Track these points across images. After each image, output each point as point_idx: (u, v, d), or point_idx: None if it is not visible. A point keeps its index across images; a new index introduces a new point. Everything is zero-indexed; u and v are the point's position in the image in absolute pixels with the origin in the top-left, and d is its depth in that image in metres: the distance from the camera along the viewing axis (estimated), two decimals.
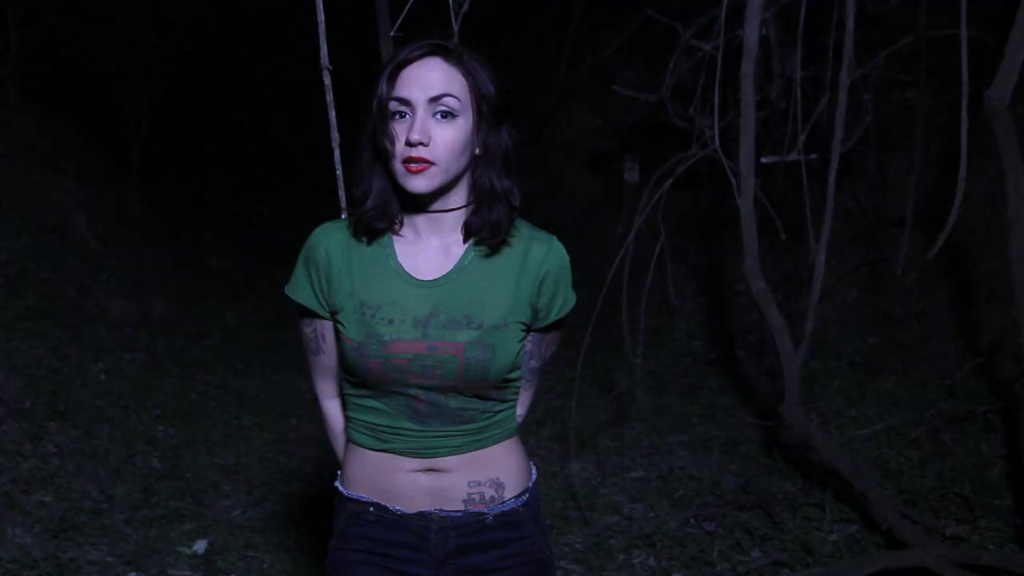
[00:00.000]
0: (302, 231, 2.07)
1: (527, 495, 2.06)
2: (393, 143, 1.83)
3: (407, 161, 1.81)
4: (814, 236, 4.01)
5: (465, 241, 1.95)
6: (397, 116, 1.83)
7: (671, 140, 6.83)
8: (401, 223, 1.96)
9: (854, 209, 5.79)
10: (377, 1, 3.66)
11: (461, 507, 1.98)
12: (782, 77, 5.73)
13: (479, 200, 1.92)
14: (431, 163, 1.81)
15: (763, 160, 5.43)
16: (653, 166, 5.66)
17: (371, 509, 2.01)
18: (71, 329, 6.07)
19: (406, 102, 1.82)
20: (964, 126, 3.22)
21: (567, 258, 2.02)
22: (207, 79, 12.39)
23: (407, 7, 3.07)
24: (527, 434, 5.37)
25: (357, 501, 2.03)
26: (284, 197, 12.60)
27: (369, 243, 1.96)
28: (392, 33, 2.98)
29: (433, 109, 1.82)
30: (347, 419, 2.07)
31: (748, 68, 3.63)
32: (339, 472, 2.11)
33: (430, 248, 1.95)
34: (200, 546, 4.21)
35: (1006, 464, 4.07)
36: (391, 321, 1.89)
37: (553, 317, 2.01)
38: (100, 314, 6.67)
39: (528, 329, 2.00)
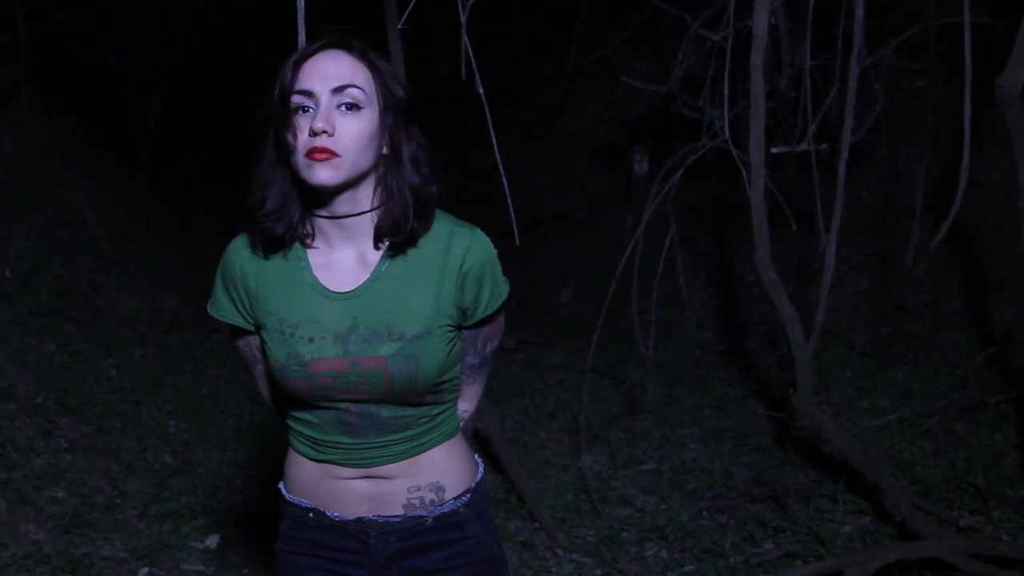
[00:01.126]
0: None
1: (468, 495, 2.02)
2: (296, 136, 1.76)
3: (311, 152, 1.74)
4: (825, 226, 3.99)
5: (376, 246, 1.87)
6: (299, 111, 1.77)
7: (680, 131, 6.82)
8: (312, 235, 1.89)
9: (864, 199, 5.76)
10: None
11: (400, 512, 1.95)
12: (791, 67, 5.70)
13: (387, 201, 1.84)
14: (336, 154, 1.74)
15: (773, 150, 5.41)
16: (662, 158, 5.65)
17: (311, 515, 2.00)
18: (82, 325, 6.08)
19: (309, 94, 1.76)
20: (967, 114, 3.21)
21: (492, 249, 1.93)
22: (216, 74, 12.39)
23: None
24: (537, 427, 5.38)
25: (298, 506, 2.02)
26: None
27: (274, 255, 1.90)
28: (399, 26, 2.97)
29: (337, 100, 1.76)
30: (286, 426, 2.04)
31: (758, 58, 3.62)
32: (284, 474, 2.08)
33: (345, 258, 1.88)
34: (212, 541, 4.22)
35: (1019, 454, 4.06)
36: (311, 339, 1.85)
37: (481, 313, 1.94)
38: (111, 310, 6.68)
39: (458, 328, 1.94)
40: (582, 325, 7.30)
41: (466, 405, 2.12)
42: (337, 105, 1.76)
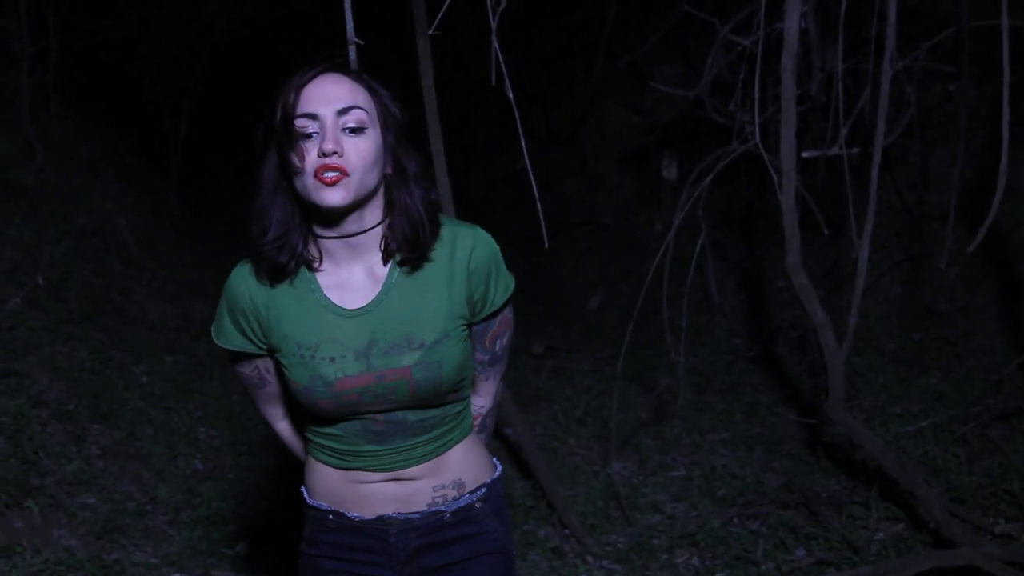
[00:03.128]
0: None
1: (484, 490, 2.05)
2: (303, 158, 1.77)
3: (321, 172, 1.75)
4: (857, 231, 3.96)
5: (386, 260, 1.90)
6: (304, 134, 1.78)
7: (709, 136, 6.79)
8: (320, 258, 1.90)
9: (896, 203, 5.72)
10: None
11: (423, 508, 1.99)
12: (822, 71, 5.67)
13: (395, 219, 1.87)
14: (346, 174, 1.76)
15: (804, 155, 5.37)
16: (691, 162, 5.63)
17: (331, 517, 2.03)
18: (113, 332, 6.11)
19: (313, 117, 1.78)
20: (1006, 118, 3.17)
21: (495, 245, 1.97)
22: (245, 82, 12.45)
23: (445, 5, 3.05)
24: (567, 433, 5.37)
25: (318, 509, 2.05)
26: None
27: (282, 283, 1.91)
28: (430, 32, 2.97)
29: (342, 123, 1.78)
30: (305, 439, 2.07)
31: (788, 62, 3.59)
32: (305, 478, 2.12)
33: (354, 275, 1.90)
34: (242, 547, 4.23)
35: None
36: (332, 359, 1.87)
37: (490, 308, 1.98)
38: (141, 317, 6.72)
39: (469, 325, 1.97)
40: (610, 331, 7.28)
41: (482, 401, 2.16)
42: (342, 128, 1.78)
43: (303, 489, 2.11)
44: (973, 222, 4.81)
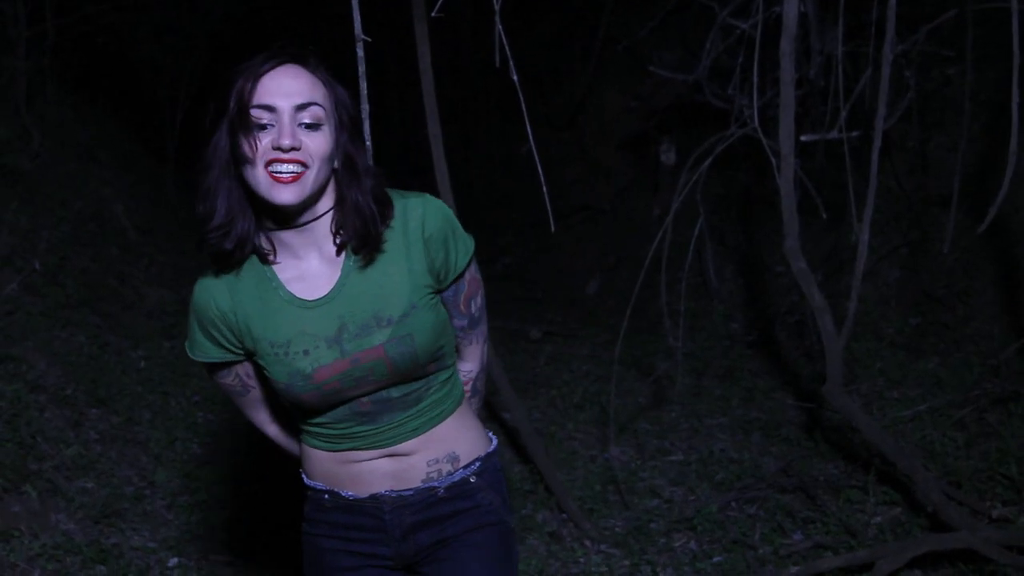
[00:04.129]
0: None
1: (478, 463, 2.06)
2: (254, 149, 1.76)
3: (276, 171, 1.76)
4: (857, 215, 3.95)
5: (339, 251, 1.90)
6: (258, 125, 1.77)
7: (707, 121, 6.78)
8: (273, 250, 1.91)
9: (894, 188, 5.71)
10: None
11: (417, 484, 2.00)
12: (821, 54, 5.65)
13: (346, 215, 1.87)
14: (305, 165, 1.77)
15: (803, 139, 5.36)
16: (689, 148, 5.61)
17: (326, 496, 2.05)
18: (110, 317, 6.11)
19: (270, 109, 1.77)
20: (1015, 100, 3.16)
21: (446, 209, 1.96)
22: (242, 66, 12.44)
23: None
24: (565, 418, 5.37)
25: (315, 489, 2.07)
26: None
27: (251, 276, 1.92)
28: (433, 14, 2.95)
29: (299, 118, 1.78)
30: (297, 429, 2.09)
31: (787, 45, 3.57)
32: (301, 461, 2.14)
33: (312, 264, 1.91)
34: (240, 532, 4.23)
35: None
36: (306, 352, 1.88)
37: (455, 271, 1.98)
38: (139, 302, 6.71)
39: (437, 292, 1.97)
40: (608, 316, 7.28)
41: (469, 366, 2.16)
42: (299, 123, 1.78)
43: (301, 471, 2.12)
44: (972, 207, 4.81)
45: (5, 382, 4.38)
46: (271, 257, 1.90)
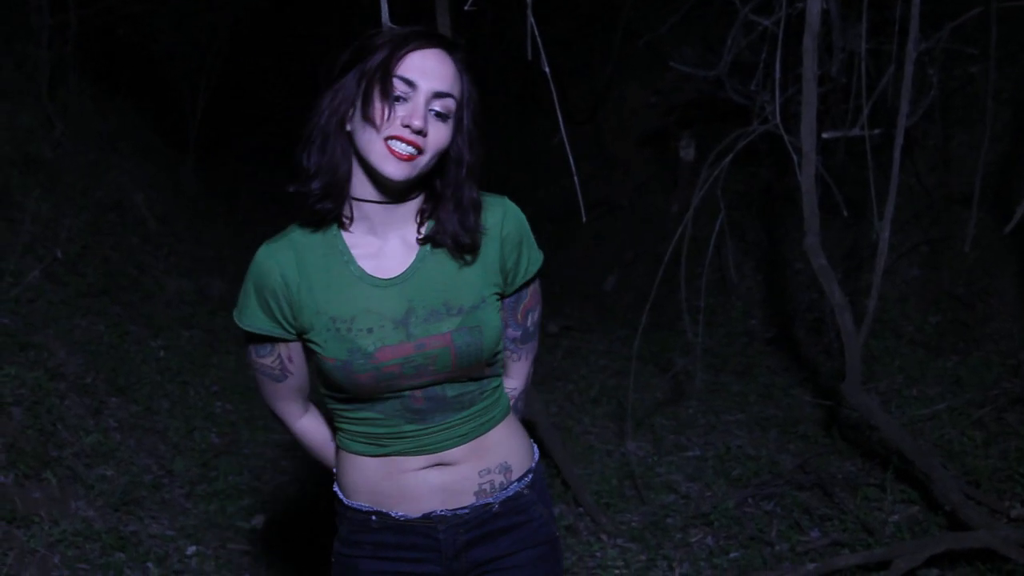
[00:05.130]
0: None
1: (530, 475, 2.01)
2: (384, 118, 1.73)
3: (395, 147, 1.73)
4: (878, 213, 3.94)
5: (421, 239, 1.87)
6: (391, 96, 1.74)
7: (727, 117, 6.77)
8: (351, 220, 1.87)
9: (915, 186, 5.69)
10: None
11: (471, 501, 1.92)
12: (843, 51, 5.63)
13: (445, 210, 1.84)
14: (420, 151, 1.75)
15: (824, 136, 5.35)
16: (708, 144, 5.60)
17: (373, 518, 1.94)
18: (130, 306, 6.14)
19: (412, 84, 1.74)
20: None
21: (523, 216, 1.95)
22: (262, 58, 12.47)
23: None
24: (582, 412, 5.37)
25: (358, 510, 1.95)
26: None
27: (322, 247, 1.86)
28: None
29: (432, 104, 1.75)
30: (336, 430, 1.99)
31: (810, 42, 3.57)
32: (335, 472, 2.04)
33: (388, 244, 1.87)
34: (258, 521, 4.25)
35: None
36: (370, 330, 1.81)
37: (521, 279, 1.95)
38: (158, 291, 6.75)
39: (502, 296, 1.94)
40: (626, 312, 7.28)
41: (514, 383, 2.11)
42: (430, 108, 1.76)
43: (336, 489, 2.01)
44: (993, 205, 4.79)
45: (27, 369, 4.41)
46: (347, 224, 1.86)
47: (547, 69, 2.87)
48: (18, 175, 6.17)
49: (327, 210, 1.83)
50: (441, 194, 1.85)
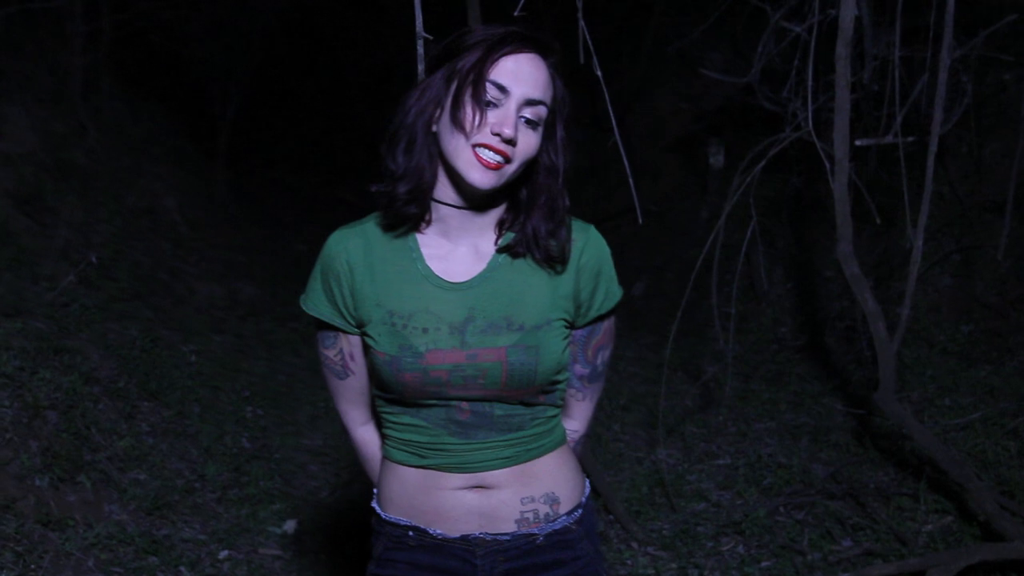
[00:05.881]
0: None
1: (580, 511, 1.90)
2: (474, 125, 1.66)
3: (483, 154, 1.66)
4: (911, 221, 3.92)
5: (498, 241, 1.81)
6: (483, 100, 1.67)
7: (756, 124, 6.75)
8: (428, 222, 1.81)
9: (947, 194, 5.66)
10: None
11: (512, 528, 1.83)
12: (876, 58, 5.61)
13: (535, 215, 1.78)
14: (508, 160, 1.68)
15: (857, 143, 5.32)
16: (738, 150, 5.58)
17: (411, 533, 1.86)
18: (162, 311, 6.18)
19: (504, 90, 1.67)
20: None
21: (607, 248, 1.86)
22: (294, 65, 12.52)
23: None
24: (612, 419, 5.36)
25: (396, 524, 1.89)
26: (367, 182, 12.72)
27: (393, 241, 1.81)
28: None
29: (522, 111, 1.69)
30: (382, 436, 1.94)
31: (843, 49, 3.56)
32: (375, 491, 1.98)
33: (460, 249, 1.80)
34: (290, 526, 4.27)
35: None
36: (425, 330, 1.75)
37: (595, 312, 1.86)
38: (190, 296, 6.79)
39: (571, 326, 1.86)
40: (655, 319, 7.26)
41: (575, 425, 2.00)
42: (520, 115, 1.69)
43: (375, 504, 1.96)
44: None
45: (61, 373, 4.44)
46: (423, 226, 1.81)
47: (599, 72, 2.88)
48: (52, 181, 6.23)
49: (411, 214, 1.79)
50: (530, 203, 1.79)
